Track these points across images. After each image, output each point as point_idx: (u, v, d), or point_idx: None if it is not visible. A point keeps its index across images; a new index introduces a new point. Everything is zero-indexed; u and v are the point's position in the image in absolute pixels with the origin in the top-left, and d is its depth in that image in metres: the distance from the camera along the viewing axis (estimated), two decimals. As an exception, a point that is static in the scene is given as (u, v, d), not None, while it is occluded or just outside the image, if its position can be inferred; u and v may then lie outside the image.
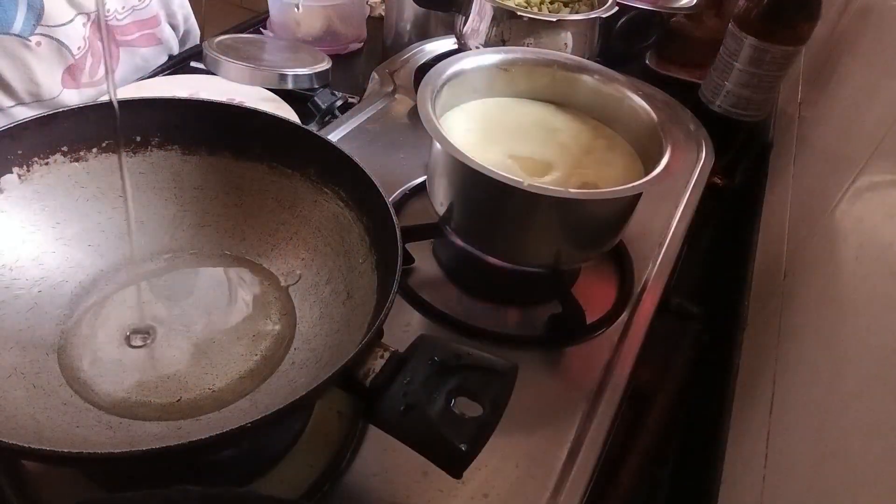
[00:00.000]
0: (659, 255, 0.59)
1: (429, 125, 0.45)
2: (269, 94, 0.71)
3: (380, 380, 0.33)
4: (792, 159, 0.67)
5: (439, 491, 0.40)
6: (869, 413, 0.29)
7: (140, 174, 0.45)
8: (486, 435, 0.31)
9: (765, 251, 0.61)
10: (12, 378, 0.36)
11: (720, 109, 0.76)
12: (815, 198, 0.52)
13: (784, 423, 0.38)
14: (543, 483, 0.41)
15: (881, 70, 0.53)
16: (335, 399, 0.42)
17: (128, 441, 0.35)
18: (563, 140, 0.54)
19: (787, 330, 0.45)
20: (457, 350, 0.34)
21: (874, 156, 0.43)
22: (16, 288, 0.40)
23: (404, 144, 0.68)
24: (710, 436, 0.46)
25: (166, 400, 0.38)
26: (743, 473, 0.40)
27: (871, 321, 0.33)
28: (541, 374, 0.48)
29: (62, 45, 0.67)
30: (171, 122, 0.45)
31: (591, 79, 0.56)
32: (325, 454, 0.40)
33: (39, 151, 0.41)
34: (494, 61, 0.55)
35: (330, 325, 0.41)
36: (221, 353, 0.40)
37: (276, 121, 0.45)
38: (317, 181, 0.45)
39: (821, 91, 0.70)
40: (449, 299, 0.52)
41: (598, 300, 0.54)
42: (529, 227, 0.48)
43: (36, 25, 0.64)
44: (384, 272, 0.39)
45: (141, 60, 0.79)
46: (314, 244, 0.45)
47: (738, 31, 0.71)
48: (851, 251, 0.40)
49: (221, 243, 0.47)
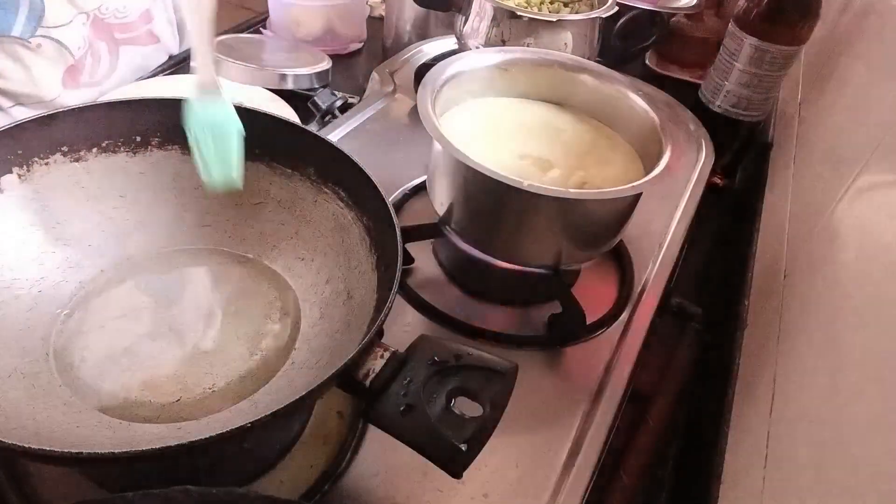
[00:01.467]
0: (659, 255, 0.59)
1: (429, 125, 0.45)
2: (269, 94, 0.71)
3: (380, 380, 0.33)
4: (792, 159, 0.67)
5: (439, 491, 0.40)
6: (868, 413, 0.29)
7: (140, 174, 0.45)
8: (486, 435, 0.31)
9: (765, 251, 0.61)
10: (12, 378, 0.36)
11: (720, 109, 0.76)
12: (815, 198, 0.52)
13: (784, 423, 0.38)
14: (543, 483, 0.41)
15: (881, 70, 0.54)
16: (335, 399, 0.42)
17: (128, 441, 0.35)
18: (565, 140, 0.54)
19: (787, 330, 0.45)
20: (457, 350, 0.34)
21: (874, 156, 0.43)
22: (16, 288, 0.40)
23: (404, 144, 0.68)
24: (710, 436, 0.46)
25: (166, 400, 0.38)
26: (743, 473, 0.40)
27: (871, 321, 0.33)
28: (541, 374, 0.48)
29: (62, 46, 0.67)
30: (171, 122, 0.44)
31: (591, 79, 0.56)
32: (325, 454, 0.40)
33: (39, 151, 0.41)
34: (494, 61, 0.55)
35: (330, 325, 0.41)
36: (221, 353, 0.40)
37: (276, 121, 0.45)
38: (317, 181, 0.45)
39: (821, 91, 0.70)
40: (449, 299, 0.52)
41: (598, 300, 0.54)
42: (530, 227, 0.48)
43: (36, 27, 0.64)
44: (384, 272, 0.39)
45: (141, 59, 0.79)
46: (314, 244, 0.45)
47: (738, 31, 0.71)
48: (851, 251, 0.40)
49: (221, 243, 0.47)
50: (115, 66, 0.75)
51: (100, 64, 0.73)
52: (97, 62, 0.72)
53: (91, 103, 0.43)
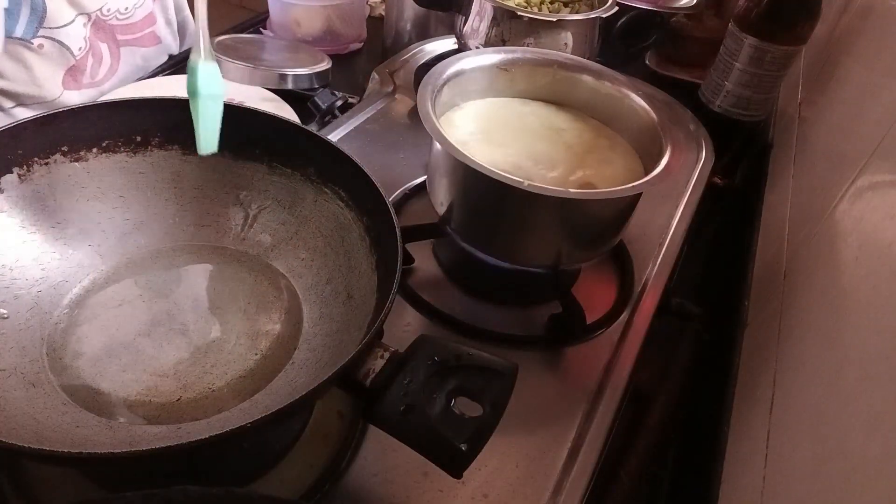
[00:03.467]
0: (659, 255, 0.59)
1: (429, 125, 0.45)
2: (269, 94, 0.71)
3: (380, 380, 0.33)
4: (792, 159, 0.67)
5: (439, 491, 0.40)
6: (868, 413, 0.29)
7: (140, 174, 0.45)
8: (486, 435, 0.31)
9: (765, 251, 0.61)
10: (12, 378, 0.36)
11: (720, 109, 0.76)
12: (815, 198, 0.52)
13: (784, 423, 0.38)
14: (543, 483, 0.41)
15: (881, 70, 0.53)
16: (335, 399, 0.42)
17: (128, 441, 0.35)
18: (565, 140, 0.54)
19: (787, 330, 0.45)
20: (457, 350, 0.34)
21: (874, 156, 0.43)
22: (16, 288, 0.40)
23: (404, 144, 0.68)
24: (710, 436, 0.46)
25: (166, 400, 0.38)
26: (743, 473, 0.40)
27: (871, 321, 0.33)
28: (541, 374, 0.48)
29: (63, 47, 0.67)
30: (171, 122, 0.44)
31: (591, 79, 0.56)
32: (325, 454, 0.40)
33: (39, 151, 0.41)
34: (494, 61, 0.55)
35: (330, 325, 0.41)
36: (221, 353, 0.40)
37: (276, 121, 0.45)
38: (317, 181, 0.45)
39: (821, 91, 0.70)
40: (449, 299, 0.52)
41: (598, 300, 0.54)
42: (530, 227, 0.48)
43: (38, 28, 0.64)
44: (384, 272, 0.39)
45: (141, 60, 0.79)
46: (314, 244, 0.45)
47: (738, 31, 0.71)
48: (851, 251, 0.40)
49: (221, 243, 0.47)
50: (116, 67, 0.75)
51: (101, 65, 0.73)
52: (98, 63, 0.72)
53: (91, 103, 0.43)
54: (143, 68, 0.80)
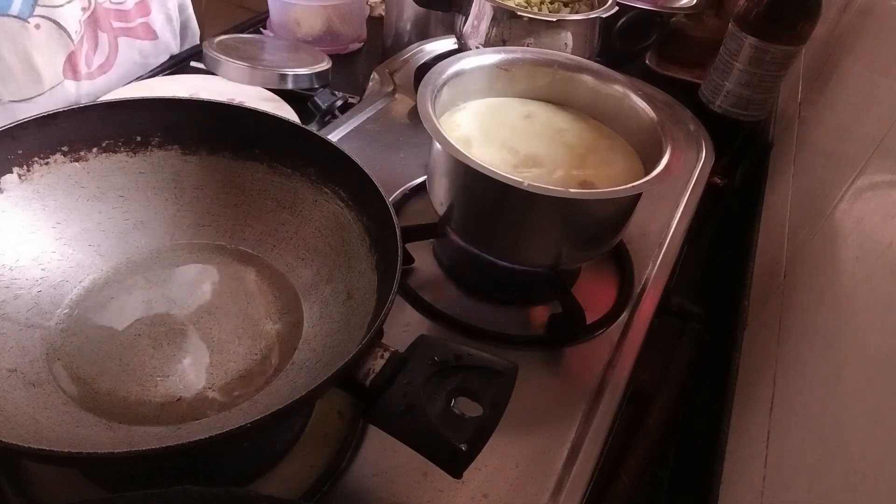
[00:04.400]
0: (659, 255, 0.59)
1: (429, 125, 0.45)
2: (269, 94, 0.71)
3: (380, 380, 0.33)
4: (792, 159, 0.67)
5: (439, 491, 0.40)
6: (868, 413, 0.29)
7: (140, 174, 0.45)
8: (486, 435, 0.31)
9: (765, 251, 0.61)
10: (12, 378, 0.36)
11: (720, 109, 0.76)
12: (815, 198, 0.52)
13: (784, 423, 0.38)
14: (543, 483, 0.41)
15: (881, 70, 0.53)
16: (335, 399, 0.42)
17: (128, 441, 0.35)
18: (565, 140, 0.54)
19: (787, 330, 0.45)
20: (457, 350, 0.34)
21: (874, 156, 0.43)
22: (16, 288, 0.40)
23: (404, 144, 0.68)
24: (710, 436, 0.46)
25: (166, 400, 0.38)
26: (743, 473, 0.40)
27: (871, 321, 0.33)
28: (541, 374, 0.48)
29: (61, 29, 0.66)
30: (171, 122, 0.45)
31: (591, 79, 0.56)
32: (325, 454, 0.40)
33: (39, 151, 0.41)
34: (494, 61, 0.55)
35: (330, 325, 0.41)
36: (221, 353, 0.40)
37: (276, 121, 0.45)
38: (317, 181, 0.45)
39: (821, 91, 0.70)
40: (449, 299, 0.52)
41: (598, 300, 0.54)
42: (529, 227, 0.48)
43: (34, 5, 0.63)
44: (384, 272, 0.39)
45: (139, 56, 0.79)
46: (314, 244, 0.45)
47: (738, 31, 0.71)
48: (851, 251, 0.40)
49: (221, 243, 0.47)
50: (113, 59, 0.75)
51: (97, 52, 0.72)
52: (94, 50, 0.72)
53: (91, 103, 0.43)
54: (141, 65, 0.79)
